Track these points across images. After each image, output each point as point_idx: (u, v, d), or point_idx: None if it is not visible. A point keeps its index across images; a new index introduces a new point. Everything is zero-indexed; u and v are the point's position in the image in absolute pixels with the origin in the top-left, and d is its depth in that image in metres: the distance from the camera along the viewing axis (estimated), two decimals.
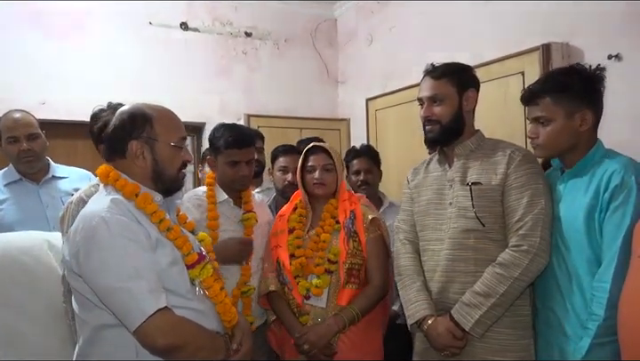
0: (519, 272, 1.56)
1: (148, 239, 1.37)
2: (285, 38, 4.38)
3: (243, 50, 4.22)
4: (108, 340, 1.37)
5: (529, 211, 1.59)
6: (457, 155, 1.77)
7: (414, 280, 1.78)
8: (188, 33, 4.00)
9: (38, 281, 1.83)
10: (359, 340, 1.94)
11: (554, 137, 1.58)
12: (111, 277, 1.30)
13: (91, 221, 1.33)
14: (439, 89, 1.75)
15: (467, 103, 1.75)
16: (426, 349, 1.77)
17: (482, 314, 1.58)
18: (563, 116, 1.57)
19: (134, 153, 1.44)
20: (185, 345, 1.34)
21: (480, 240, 1.67)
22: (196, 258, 1.46)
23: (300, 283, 1.97)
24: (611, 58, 2.31)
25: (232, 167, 2.05)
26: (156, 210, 1.43)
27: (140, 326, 1.28)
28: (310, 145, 2.10)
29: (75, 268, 1.35)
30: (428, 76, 1.78)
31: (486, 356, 1.64)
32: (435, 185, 1.82)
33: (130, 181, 1.44)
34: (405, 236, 1.88)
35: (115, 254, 1.30)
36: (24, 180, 2.34)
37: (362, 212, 2.02)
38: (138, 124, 1.44)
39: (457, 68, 1.79)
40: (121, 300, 1.30)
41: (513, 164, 1.65)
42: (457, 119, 1.74)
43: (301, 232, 2.06)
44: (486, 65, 2.82)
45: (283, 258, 2.02)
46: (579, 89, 1.57)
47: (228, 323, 1.52)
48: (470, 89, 1.76)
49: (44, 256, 1.89)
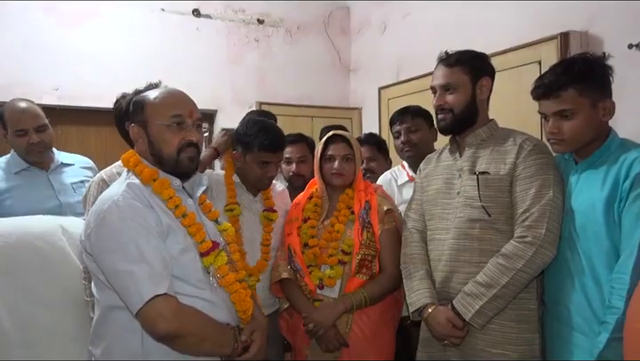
0: (522, 264, 1.53)
1: (158, 225, 1.38)
2: (298, 26, 4.35)
3: (255, 37, 4.20)
4: (116, 322, 1.39)
5: (536, 202, 1.55)
6: (468, 144, 1.75)
7: (418, 268, 1.77)
8: (201, 20, 3.99)
9: (53, 266, 1.84)
10: (371, 333, 1.93)
11: (581, 130, 1.51)
12: (116, 259, 1.32)
13: (104, 204, 1.37)
14: (452, 77, 1.72)
15: (480, 92, 1.72)
16: (429, 338, 1.76)
17: (482, 304, 1.56)
18: (588, 107, 1.50)
19: (135, 137, 1.48)
20: (187, 334, 1.33)
21: (486, 230, 1.64)
22: (210, 245, 1.45)
23: (313, 272, 1.96)
24: (631, 47, 2.26)
25: (262, 168, 2.03)
26: (172, 195, 1.43)
27: (140, 310, 1.29)
28: (330, 133, 2.07)
29: (88, 248, 1.39)
30: (442, 63, 1.75)
31: (487, 348, 1.62)
32: (444, 174, 1.80)
33: (149, 167, 1.45)
34: (413, 225, 1.87)
35: (121, 237, 1.32)
36: (33, 167, 2.34)
37: (377, 203, 1.99)
38: (134, 108, 1.49)
39: (471, 55, 1.75)
40: (123, 282, 1.31)
41: (522, 154, 1.62)
42: (470, 108, 1.71)
43: (315, 222, 2.04)
44: (502, 54, 2.78)
45: (294, 245, 2.01)
46: (599, 78, 1.52)
47: (243, 313, 1.50)
48: (484, 77, 1.73)
49: (58, 241, 1.90)
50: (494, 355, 1.62)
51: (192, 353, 1.39)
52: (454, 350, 1.69)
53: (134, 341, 1.37)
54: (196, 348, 1.37)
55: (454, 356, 1.70)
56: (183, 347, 1.36)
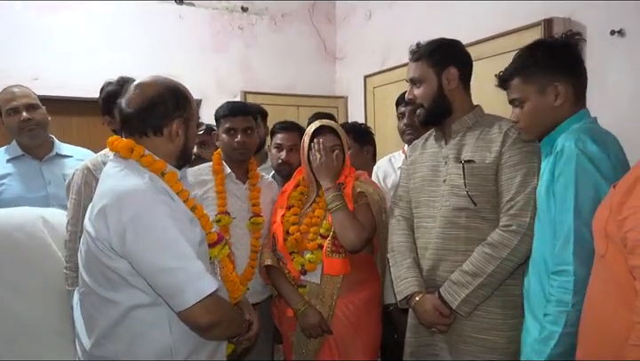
0: (507, 252, 1.55)
1: (187, 218, 1.39)
2: (282, 13, 4.30)
3: (239, 25, 4.14)
4: (139, 320, 1.35)
5: (521, 190, 1.56)
6: (454, 131, 1.75)
7: (405, 257, 1.77)
8: (183, 7, 3.92)
9: (32, 258, 1.81)
10: (357, 320, 1.94)
11: (531, 117, 1.50)
12: (167, 258, 1.28)
13: (135, 200, 1.30)
14: (416, 71, 1.74)
15: (448, 82, 1.71)
16: (417, 325, 1.78)
17: (469, 293, 1.58)
18: (534, 93, 1.49)
19: (174, 132, 1.41)
20: (223, 321, 1.36)
21: (471, 219, 1.65)
22: (216, 237, 1.49)
23: (295, 259, 1.97)
24: (614, 34, 2.27)
25: (229, 135, 2.13)
26: (182, 188, 1.43)
27: (192, 306, 1.27)
28: (317, 124, 2.06)
29: (117, 247, 1.29)
30: (409, 58, 1.78)
31: (474, 334, 1.64)
32: (430, 162, 1.80)
33: (156, 158, 1.40)
34: (400, 213, 1.87)
35: (168, 234, 1.29)
36: (27, 155, 2.33)
37: (352, 186, 2.00)
38: (180, 102, 1.40)
39: (434, 47, 1.74)
40: (177, 280, 1.28)
41: (508, 143, 1.62)
42: (438, 100, 1.71)
43: (298, 209, 2.06)
44: (487, 41, 2.78)
45: (278, 233, 2.02)
46: (546, 62, 1.48)
47: (234, 299, 1.56)
48: (450, 67, 1.71)
49: (39, 233, 1.87)
50: (482, 340, 1.63)
51: (220, 338, 1.44)
52: (441, 336, 1.71)
53: (162, 336, 1.35)
54: (225, 333, 1.43)
55: (441, 341, 1.72)
56: (217, 333, 1.39)
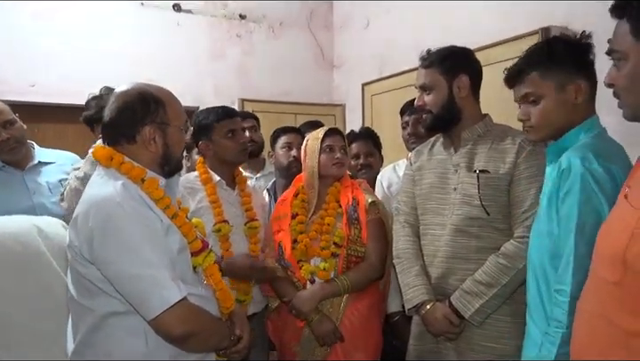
0: (523, 264, 1.53)
1: (161, 226, 1.36)
2: (280, 21, 4.31)
3: (237, 33, 4.15)
4: (115, 328, 1.34)
5: (536, 203, 1.55)
6: (464, 139, 1.74)
7: (413, 264, 1.76)
8: (181, 15, 3.93)
9: (27, 267, 1.79)
10: (361, 327, 1.92)
11: (547, 115, 1.43)
12: (132, 264, 1.26)
13: (105, 207, 1.28)
14: (427, 78, 1.73)
15: (459, 90, 1.71)
16: (422, 332, 1.76)
17: (483, 303, 1.58)
18: (554, 88, 1.42)
19: (147, 138, 1.39)
20: (200, 332, 1.34)
21: (483, 228, 1.65)
22: (200, 245, 1.46)
23: (304, 267, 1.95)
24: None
25: (232, 137, 2.06)
26: (162, 196, 1.40)
27: (160, 315, 1.25)
28: (328, 128, 2.10)
29: (86, 253, 1.29)
30: (420, 64, 1.78)
31: (483, 342, 1.64)
32: (438, 168, 1.79)
33: (135, 165, 1.39)
34: (405, 219, 1.86)
35: (134, 241, 1.27)
36: (8, 167, 2.28)
37: (364, 198, 2.00)
38: (150, 108, 1.38)
39: (446, 54, 1.74)
40: (142, 287, 1.26)
41: (523, 154, 1.62)
42: (449, 107, 1.71)
43: (304, 217, 2.04)
44: (484, 49, 2.77)
45: (285, 242, 2.00)
46: (566, 58, 1.42)
47: (227, 309, 1.53)
48: (461, 75, 1.71)
49: (33, 241, 1.85)
50: (490, 348, 1.63)
51: (199, 350, 1.40)
52: (448, 344, 1.70)
53: (138, 344, 1.33)
54: (205, 345, 1.40)
55: (448, 349, 1.71)
56: (194, 345, 1.36)
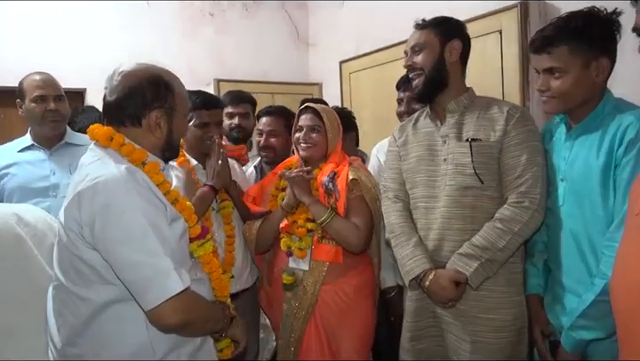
0: (519, 227, 1.57)
1: (167, 212, 1.32)
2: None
3: (210, 11, 4.05)
4: (113, 316, 1.30)
5: (528, 168, 1.59)
6: (450, 110, 1.75)
7: (410, 236, 1.74)
8: None
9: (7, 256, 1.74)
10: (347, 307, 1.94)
11: (569, 90, 1.45)
12: (135, 251, 1.22)
13: (109, 190, 1.24)
14: (421, 38, 1.74)
15: (450, 54, 1.72)
16: (419, 308, 1.76)
17: (480, 264, 1.59)
18: (580, 66, 1.44)
19: (153, 123, 1.35)
20: (195, 320, 1.32)
21: (478, 198, 1.66)
22: (199, 231, 1.44)
23: (283, 239, 1.98)
24: None
25: (201, 129, 2.04)
26: (163, 180, 1.37)
27: (159, 305, 1.22)
28: (303, 106, 2.05)
29: (87, 235, 1.25)
30: (415, 28, 1.77)
31: (481, 314, 1.65)
32: (425, 141, 1.79)
33: (137, 147, 1.35)
34: (395, 195, 1.86)
35: (137, 227, 1.22)
36: (36, 145, 2.30)
37: (346, 173, 1.97)
38: (160, 92, 1.35)
39: (443, 19, 1.76)
40: (143, 275, 1.22)
41: (512, 121, 1.64)
42: (438, 68, 1.71)
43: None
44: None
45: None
46: (597, 35, 1.43)
47: (224, 297, 1.53)
48: (455, 39, 1.72)
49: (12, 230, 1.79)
50: (489, 320, 1.65)
51: (195, 335, 1.39)
52: (446, 319, 1.71)
53: (138, 331, 1.30)
54: (201, 331, 1.40)
55: (445, 323, 1.72)
56: (190, 332, 1.35)
